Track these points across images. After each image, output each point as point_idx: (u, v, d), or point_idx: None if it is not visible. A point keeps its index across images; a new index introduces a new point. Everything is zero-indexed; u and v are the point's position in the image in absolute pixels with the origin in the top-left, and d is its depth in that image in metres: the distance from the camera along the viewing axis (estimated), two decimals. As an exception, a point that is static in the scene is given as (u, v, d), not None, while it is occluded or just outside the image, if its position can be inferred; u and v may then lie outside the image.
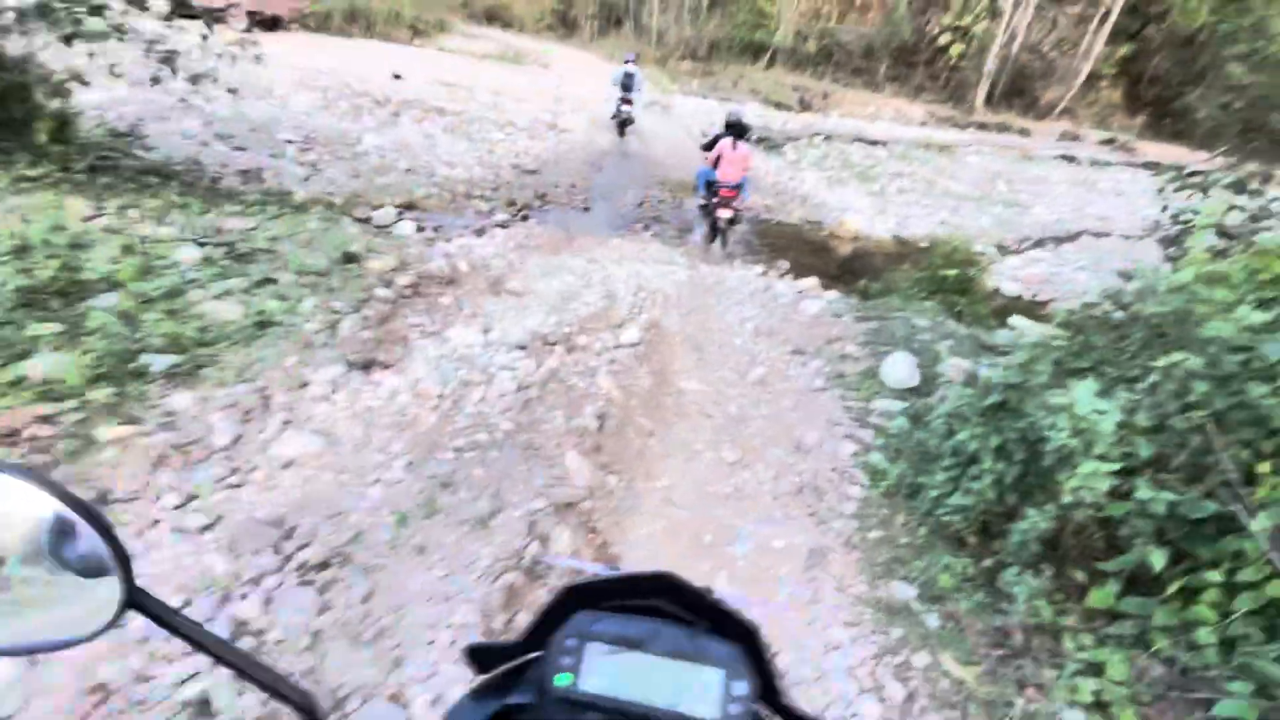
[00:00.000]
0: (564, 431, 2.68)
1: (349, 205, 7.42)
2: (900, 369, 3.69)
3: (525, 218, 7.69)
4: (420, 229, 7.01)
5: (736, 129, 6.66)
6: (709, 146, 6.92)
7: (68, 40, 4.32)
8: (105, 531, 0.44)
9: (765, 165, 12.19)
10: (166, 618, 0.47)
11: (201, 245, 3.67)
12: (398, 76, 14.90)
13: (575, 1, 34.59)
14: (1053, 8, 24.54)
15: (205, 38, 5.38)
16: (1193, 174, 6.98)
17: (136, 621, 0.53)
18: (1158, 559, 1.80)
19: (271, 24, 18.18)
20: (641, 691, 0.49)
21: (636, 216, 8.39)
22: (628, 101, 11.18)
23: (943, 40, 25.70)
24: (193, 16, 5.46)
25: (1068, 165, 16.70)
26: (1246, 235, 6.49)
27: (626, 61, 11.50)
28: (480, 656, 0.58)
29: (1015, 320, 6.59)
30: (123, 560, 0.44)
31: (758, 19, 27.10)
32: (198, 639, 0.48)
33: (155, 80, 5.68)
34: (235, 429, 2.34)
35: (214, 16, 5.18)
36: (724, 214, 6.77)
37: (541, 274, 5.36)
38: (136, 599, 0.45)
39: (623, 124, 11.71)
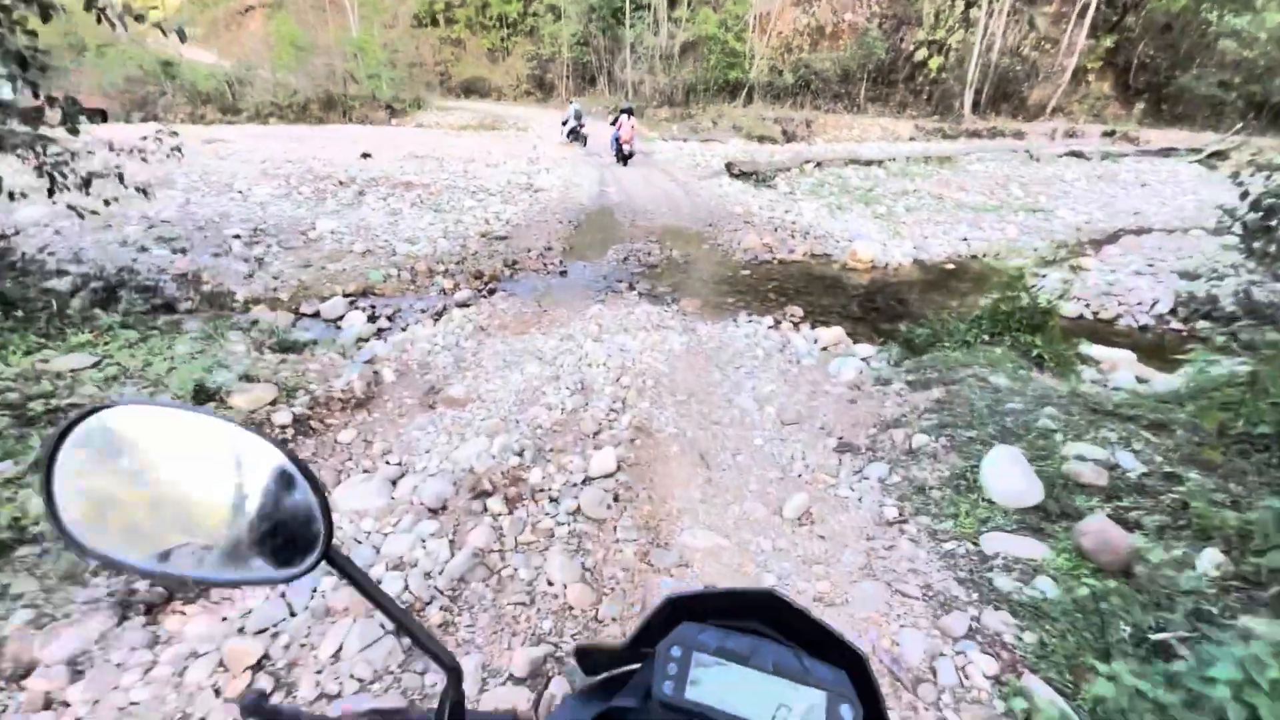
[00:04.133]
0: (472, 720, 1.50)
1: (295, 300, 6.48)
2: (1009, 476, 2.46)
3: (492, 291, 6.66)
4: (373, 318, 6.04)
5: (628, 110, 14.66)
6: (614, 122, 14.64)
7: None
8: (317, 487, 0.49)
9: (758, 200, 11.24)
10: (352, 573, 0.50)
11: (-17, 409, 2.58)
12: (366, 155, 14.48)
13: (550, 66, 35.08)
14: (1028, 9, 24.10)
15: (73, 131, 4.46)
16: (1223, 153, 5.85)
17: None
18: None
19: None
20: (745, 706, 0.48)
21: (620, 275, 7.34)
22: (581, 124, 17.06)
23: (919, 56, 25.29)
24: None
25: (1078, 162, 15.67)
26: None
27: (571, 103, 18.23)
28: (587, 659, 0.60)
29: (1091, 350, 5.34)
30: (326, 515, 0.49)
31: (730, 59, 26.95)
32: (374, 595, 0.51)
33: (51, 192, 4.79)
34: None
35: (83, 113, 4.27)
36: (627, 149, 14.25)
37: (499, 366, 4.24)
38: (332, 553, 0.49)
39: (576, 137, 16.98)
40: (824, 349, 4.86)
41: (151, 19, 4.14)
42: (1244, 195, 5.59)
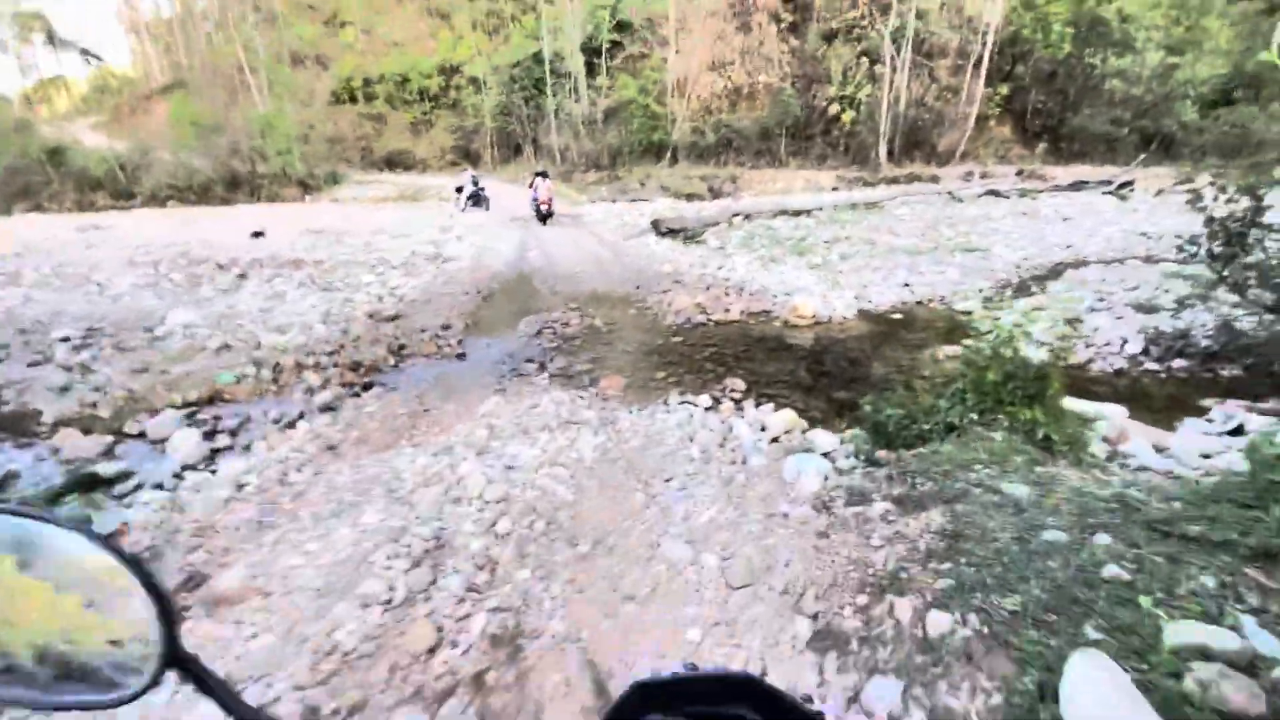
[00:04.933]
0: None
1: (119, 416, 5.05)
2: (1112, 716, 1.40)
3: (367, 387, 5.38)
4: (211, 433, 4.67)
5: (542, 173, 14.79)
6: (531, 185, 14.68)
7: None
8: (152, 586, 0.44)
9: (687, 257, 10.50)
10: (208, 681, 0.45)
11: None
12: (258, 234, 13.14)
13: (475, 136, 34.83)
14: (927, 63, 25.54)
15: None
16: (1184, 183, 5.44)
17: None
18: None
19: None
20: None
21: (531, 352, 6.21)
22: (481, 189, 17.22)
23: (833, 110, 26.25)
24: None
25: (998, 200, 15.93)
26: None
27: (466, 172, 18.84)
28: None
29: (1079, 405, 4.51)
30: (167, 619, 0.44)
31: (652, 121, 27.30)
32: (236, 709, 0.45)
33: None
34: None
35: None
36: (545, 209, 14.25)
37: (326, 516, 2.97)
38: (179, 656, 0.44)
39: (479, 203, 16.99)
40: (774, 440, 3.83)
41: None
42: (1208, 220, 5.11)
